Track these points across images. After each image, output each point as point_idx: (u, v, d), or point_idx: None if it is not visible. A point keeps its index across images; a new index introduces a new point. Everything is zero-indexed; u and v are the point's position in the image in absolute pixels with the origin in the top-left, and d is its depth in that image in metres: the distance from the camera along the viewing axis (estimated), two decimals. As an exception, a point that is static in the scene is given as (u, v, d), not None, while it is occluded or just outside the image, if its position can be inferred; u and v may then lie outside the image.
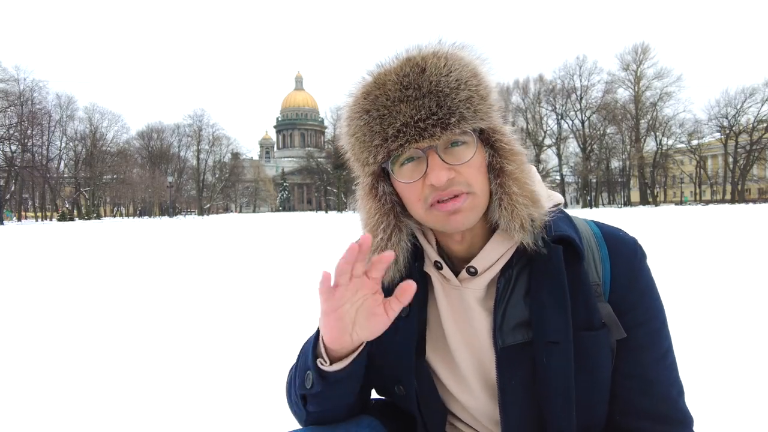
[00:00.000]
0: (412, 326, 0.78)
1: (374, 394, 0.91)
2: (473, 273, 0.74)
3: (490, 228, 0.74)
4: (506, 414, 0.73)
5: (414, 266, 0.78)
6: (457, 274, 0.76)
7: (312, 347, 0.73)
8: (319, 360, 0.71)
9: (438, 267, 0.77)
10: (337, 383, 0.71)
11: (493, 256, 0.73)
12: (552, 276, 0.70)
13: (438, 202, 0.67)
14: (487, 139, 0.71)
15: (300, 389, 0.76)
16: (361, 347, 0.71)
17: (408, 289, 0.63)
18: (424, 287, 0.80)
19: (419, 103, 0.65)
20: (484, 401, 0.77)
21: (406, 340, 0.78)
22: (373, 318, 0.66)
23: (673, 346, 0.74)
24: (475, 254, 0.75)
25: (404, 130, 0.65)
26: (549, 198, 0.78)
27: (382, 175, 0.74)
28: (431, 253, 0.77)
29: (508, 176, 0.69)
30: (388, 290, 0.75)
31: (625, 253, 0.74)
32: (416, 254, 0.79)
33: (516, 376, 0.72)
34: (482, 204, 0.70)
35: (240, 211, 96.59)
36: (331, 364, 0.70)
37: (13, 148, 52.64)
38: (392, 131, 0.66)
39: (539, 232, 0.71)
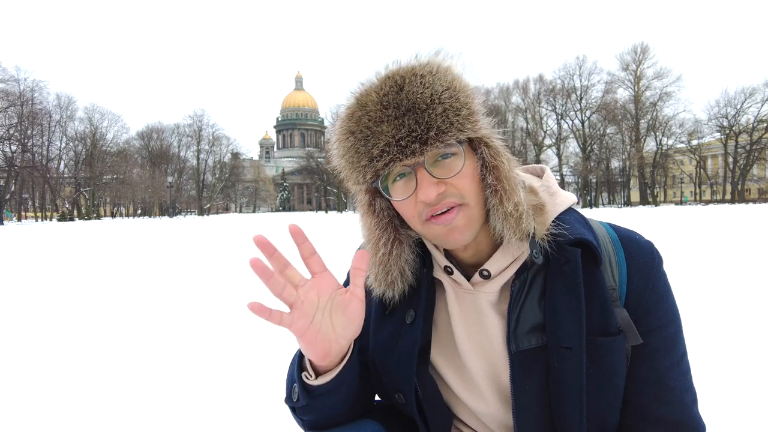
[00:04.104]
0: (417, 333, 0.77)
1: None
2: (486, 276, 0.73)
3: (493, 235, 0.72)
4: (519, 419, 0.72)
5: (423, 272, 0.78)
6: (468, 278, 0.76)
7: (299, 359, 0.73)
8: (304, 374, 0.71)
9: (448, 272, 0.77)
10: (323, 396, 0.71)
11: (507, 259, 0.73)
12: (568, 280, 0.69)
13: (432, 216, 0.67)
14: (476, 148, 0.70)
15: (288, 401, 0.76)
16: (349, 355, 0.70)
17: (361, 256, 0.65)
18: (432, 293, 0.79)
19: (399, 122, 0.65)
20: (496, 407, 0.76)
21: (409, 348, 0.77)
22: (348, 310, 0.65)
23: (687, 353, 0.73)
24: (482, 259, 0.74)
25: (387, 149, 0.66)
26: (554, 201, 0.75)
27: (378, 191, 0.74)
28: (440, 258, 0.77)
29: (492, 188, 0.69)
30: (400, 302, 0.79)
31: (642, 258, 0.73)
32: (424, 260, 0.79)
33: (530, 381, 0.71)
34: (477, 215, 0.69)
35: (240, 211, 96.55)
36: (317, 377, 0.70)
37: (13, 148, 52.64)
38: (376, 151, 0.66)
39: (546, 241, 0.70)
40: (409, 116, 0.65)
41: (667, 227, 14.98)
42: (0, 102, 50.19)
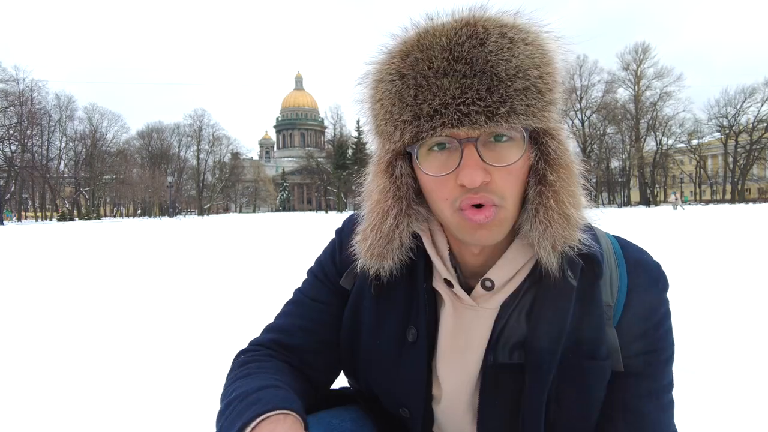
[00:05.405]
0: (421, 353, 0.69)
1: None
2: (489, 288, 0.66)
3: (511, 238, 0.65)
4: None
5: (423, 287, 0.70)
6: (468, 289, 0.68)
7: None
8: None
9: (449, 284, 0.68)
10: None
11: (512, 268, 0.65)
12: (560, 293, 0.63)
13: (470, 207, 0.58)
14: (536, 139, 0.60)
15: None
16: None
17: None
18: (434, 306, 0.71)
19: (467, 82, 0.54)
20: (463, 421, 0.71)
21: (414, 368, 0.69)
22: None
23: (673, 387, 0.68)
24: (489, 266, 0.66)
25: (443, 111, 0.55)
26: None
27: (403, 153, 0.63)
28: (442, 270, 0.68)
29: (549, 186, 0.60)
30: (387, 283, 0.70)
31: (646, 282, 0.67)
32: (424, 273, 0.70)
33: (499, 398, 0.66)
34: (511, 218, 0.61)
35: (240, 211, 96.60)
36: None
37: (13, 148, 52.69)
38: (427, 109, 0.55)
39: (567, 256, 0.62)
40: (480, 79, 0.54)
41: (665, 227, 14.97)
42: (0, 102, 50.25)
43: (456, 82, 0.54)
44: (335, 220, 32.41)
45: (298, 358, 0.74)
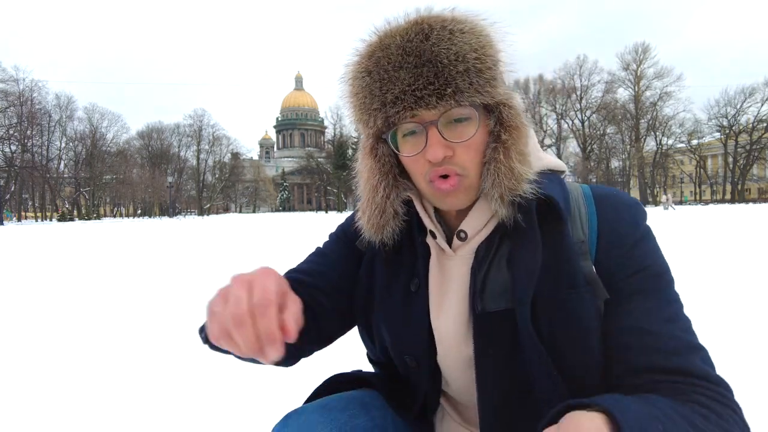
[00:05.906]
0: (422, 299, 0.76)
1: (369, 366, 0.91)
2: (464, 238, 0.74)
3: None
4: (481, 386, 0.71)
5: (418, 241, 0.78)
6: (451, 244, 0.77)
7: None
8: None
9: (433, 236, 0.77)
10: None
11: (481, 219, 0.73)
12: (525, 234, 0.69)
13: (437, 178, 0.69)
14: (492, 110, 0.70)
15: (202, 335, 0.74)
16: None
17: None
18: (428, 260, 0.79)
19: (418, 71, 0.65)
20: (461, 371, 0.76)
21: (417, 314, 0.76)
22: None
23: (682, 307, 0.68)
24: None
25: (402, 97, 0.66)
26: (541, 164, 0.76)
27: (382, 137, 0.75)
28: (427, 222, 0.77)
29: (502, 144, 0.69)
30: (392, 247, 0.80)
31: (614, 211, 0.72)
32: (419, 227, 0.79)
33: (493, 346, 0.70)
34: (475, 184, 0.71)
35: (240, 211, 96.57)
36: None
37: (13, 148, 52.77)
38: (390, 97, 0.66)
39: (521, 206, 0.69)
40: (428, 67, 0.64)
41: (664, 226, 14.97)
42: (0, 102, 50.27)
43: (410, 72, 0.65)
44: (335, 220, 32.41)
45: (309, 295, 0.80)
